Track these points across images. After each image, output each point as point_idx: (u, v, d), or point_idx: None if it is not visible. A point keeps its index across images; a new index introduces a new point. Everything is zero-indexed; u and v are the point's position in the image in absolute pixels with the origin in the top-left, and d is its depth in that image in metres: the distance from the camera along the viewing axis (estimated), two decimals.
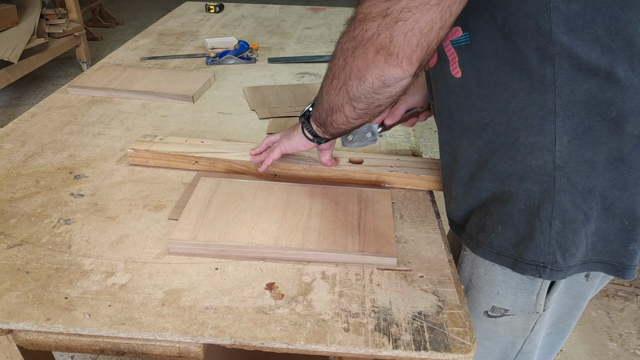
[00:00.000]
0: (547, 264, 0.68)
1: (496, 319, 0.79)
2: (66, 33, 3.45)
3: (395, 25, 0.50)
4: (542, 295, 0.73)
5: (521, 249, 0.69)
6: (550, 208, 0.65)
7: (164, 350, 0.64)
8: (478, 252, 0.74)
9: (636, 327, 1.75)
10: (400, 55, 0.53)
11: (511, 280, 0.74)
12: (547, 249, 0.67)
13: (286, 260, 0.75)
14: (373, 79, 0.57)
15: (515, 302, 0.75)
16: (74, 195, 0.88)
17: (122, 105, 1.25)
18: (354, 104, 0.64)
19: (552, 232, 0.66)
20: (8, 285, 0.68)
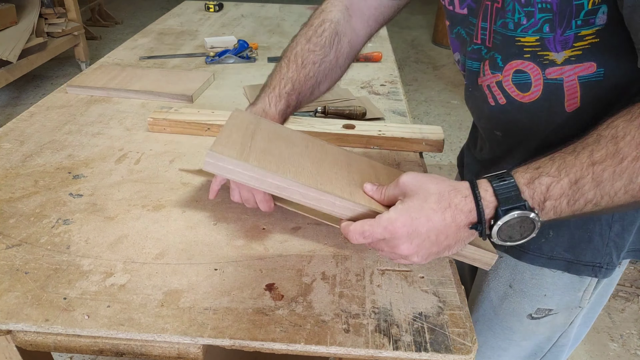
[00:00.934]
0: (603, 264, 0.68)
1: (539, 320, 0.78)
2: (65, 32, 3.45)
3: None
4: (589, 290, 0.73)
5: (577, 252, 0.69)
6: (611, 212, 0.65)
7: (163, 351, 0.64)
8: (524, 259, 0.73)
9: (637, 327, 1.75)
10: None
11: (560, 281, 0.73)
12: (605, 250, 0.67)
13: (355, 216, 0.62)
14: None
15: (561, 301, 0.75)
16: (73, 195, 0.88)
17: (121, 105, 1.25)
18: None
19: (612, 234, 0.67)
20: (7, 285, 0.68)
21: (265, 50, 1.70)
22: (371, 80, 1.46)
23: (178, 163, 0.99)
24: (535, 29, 0.61)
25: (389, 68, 1.57)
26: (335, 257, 0.76)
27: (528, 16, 0.61)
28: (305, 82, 0.79)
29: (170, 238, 0.78)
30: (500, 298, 0.80)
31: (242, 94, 1.34)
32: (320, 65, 0.81)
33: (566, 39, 0.59)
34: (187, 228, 0.81)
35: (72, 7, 3.53)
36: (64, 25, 3.43)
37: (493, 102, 0.71)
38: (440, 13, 4.51)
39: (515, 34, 0.64)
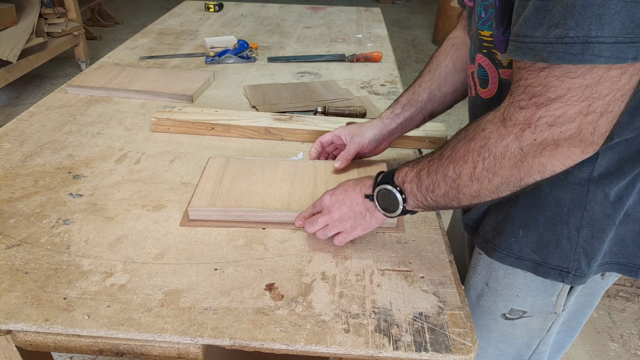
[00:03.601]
0: (571, 269, 0.68)
1: (514, 321, 0.78)
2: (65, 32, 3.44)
3: (600, 119, 0.49)
4: (562, 296, 0.73)
5: (545, 254, 0.69)
6: (579, 216, 0.66)
7: (163, 351, 0.64)
8: (494, 256, 0.74)
9: (637, 327, 1.75)
10: (598, 141, 0.51)
11: (532, 283, 0.73)
12: (573, 256, 0.67)
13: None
14: (555, 168, 0.53)
15: (534, 304, 0.75)
16: (73, 195, 0.88)
17: (121, 105, 1.25)
18: (499, 191, 0.58)
19: (580, 239, 0.67)
20: (7, 285, 0.68)
21: (265, 50, 1.70)
22: (371, 80, 1.46)
23: (178, 163, 0.99)
24: (489, 24, 0.64)
25: (389, 68, 1.57)
26: (335, 257, 0.76)
27: (485, 9, 0.64)
28: (420, 92, 0.90)
29: (170, 238, 0.78)
30: (478, 295, 0.82)
31: (242, 94, 1.34)
32: (435, 72, 0.90)
33: (506, 41, 0.60)
34: (187, 228, 0.81)
35: (72, 7, 3.53)
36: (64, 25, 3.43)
37: (470, 93, 0.76)
38: (440, 13, 4.50)
39: (478, 27, 0.67)
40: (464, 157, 0.58)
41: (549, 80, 0.49)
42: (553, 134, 0.51)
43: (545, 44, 0.47)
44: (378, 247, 0.78)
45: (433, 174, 0.62)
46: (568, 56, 0.46)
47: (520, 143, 0.53)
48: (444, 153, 0.62)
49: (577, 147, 0.51)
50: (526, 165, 0.53)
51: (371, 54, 1.61)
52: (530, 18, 0.48)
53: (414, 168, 0.66)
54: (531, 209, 0.68)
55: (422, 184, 0.64)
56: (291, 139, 1.09)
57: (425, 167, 0.64)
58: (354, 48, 1.74)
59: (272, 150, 1.06)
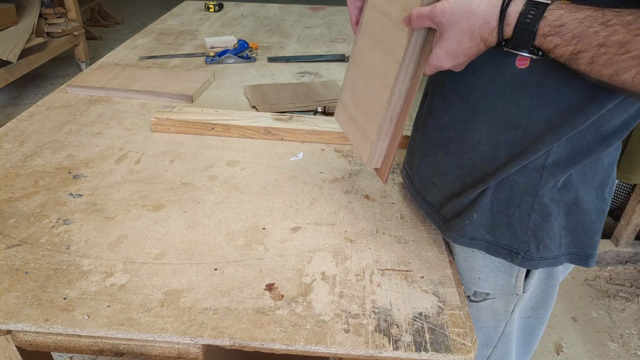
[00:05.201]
0: (520, 251, 0.70)
1: (478, 304, 0.81)
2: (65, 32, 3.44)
3: None
4: (520, 277, 0.75)
5: (496, 234, 0.71)
6: (531, 201, 0.68)
7: (163, 351, 0.64)
8: (447, 236, 0.76)
9: (637, 327, 1.75)
10: None
11: (491, 264, 0.75)
12: (523, 238, 0.70)
13: None
14: None
15: (495, 285, 0.77)
16: (73, 195, 0.88)
17: (121, 105, 1.25)
18: None
19: (530, 223, 0.69)
20: (7, 285, 0.68)
21: (265, 50, 1.70)
22: None
23: (178, 163, 0.99)
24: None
25: None
26: (335, 257, 0.76)
27: None
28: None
29: (170, 238, 0.78)
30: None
31: (242, 94, 1.34)
32: None
33: None
34: (187, 228, 0.81)
35: (72, 7, 3.52)
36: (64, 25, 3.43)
37: None
38: None
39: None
40: None
41: None
42: None
43: None
44: (378, 247, 0.78)
45: (603, 66, 0.49)
46: None
47: None
48: (624, 18, 0.47)
49: None
50: None
51: None
52: None
53: (570, 44, 0.50)
54: (487, 192, 0.70)
55: (577, 67, 0.51)
56: (291, 139, 1.09)
57: (590, 50, 0.49)
58: None
59: (272, 150, 1.06)
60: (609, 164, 0.69)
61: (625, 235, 1.91)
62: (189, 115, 1.11)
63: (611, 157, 0.69)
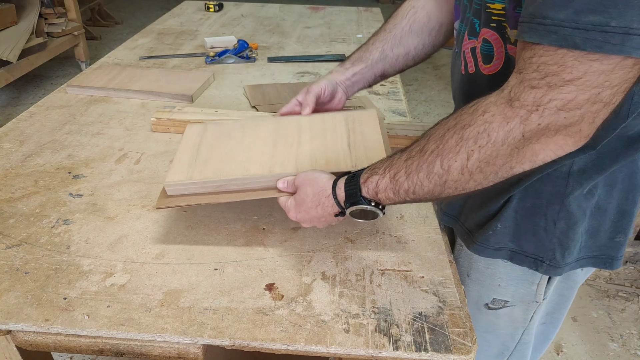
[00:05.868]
0: (545, 259, 0.70)
1: (497, 311, 0.79)
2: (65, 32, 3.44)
3: (602, 110, 0.48)
4: (542, 284, 0.74)
5: (521, 243, 0.70)
6: (557, 209, 0.66)
7: (163, 351, 0.64)
8: (472, 249, 0.75)
9: (637, 327, 1.75)
10: (591, 133, 0.50)
11: (512, 272, 0.74)
12: (548, 246, 0.69)
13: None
14: (547, 158, 0.52)
15: (515, 293, 0.76)
16: (73, 195, 0.88)
17: (121, 105, 1.25)
18: (486, 182, 0.56)
19: (556, 231, 0.67)
20: (7, 285, 0.68)
21: (265, 50, 1.70)
22: None
23: None
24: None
25: None
26: (335, 257, 0.76)
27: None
28: (372, 50, 0.89)
29: (170, 238, 0.78)
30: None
31: (242, 94, 1.34)
32: (390, 32, 0.89)
33: (517, 17, 0.58)
34: (187, 228, 0.81)
35: (72, 7, 3.52)
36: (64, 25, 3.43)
37: (464, 70, 0.73)
38: None
39: (487, 0, 0.64)
40: (456, 147, 0.54)
41: (567, 60, 0.46)
42: (557, 119, 0.49)
43: (575, 29, 0.45)
44: (378, 247, 0.78)
45: (414, 173, 0.58)
46: (607, 45, 0.44)
47: (524, 127, 0.50)
48: (427, 148, 0.57)
49: (572, 137, 0.50)
50: (521, 154, 0.52)
51: None
52: (553, 0, 0.46)
53: (385, 174, 0.61)
54: (511, 201, 0.69)
55: (399, 188, 0.60)
56: None
57: (401, 168, 0.60)
58: (354, 48, 1.73)
59: None
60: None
61: None
62: (189, 115, 1.11)
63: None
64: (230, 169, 0.76)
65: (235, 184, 0.75)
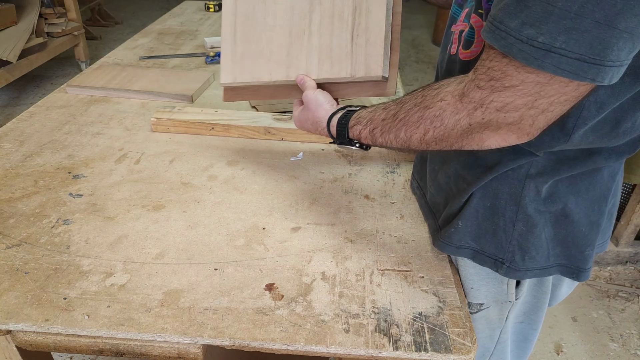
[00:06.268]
0: (505, 261, 0.70)
1: (473, 315, 0.80)
2: (65, 32, 3.44)
3: (540, 115, 0.53)
4: (511, 285, 0.74)
5: (482, 243, 0.71)
6: (515, 210, 0.67)
7: (163, 351, 0.64)
8: (436, 245, 0.76)
9: (637, 327, 1.75)
10: (534, 132, 0.56)
11: (482, 271, 0.75)
12: (507, 247, 0.69)
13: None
14: (492, 145, 0.59)
15: (488, 294, 0.77)
16: (73, 195, 0.88)
17: (121, 105, 1.25)
18: (443, 150, 0.64)
19: (515, 232, 0.68)
20: (7, 285, 0.68)
21: None
22: None
23: (178, 163, 0.99)
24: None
25: None
26: (335, 257, 0.76)
27: None
28: None
29: (170, 238, 0.78)
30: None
31: None
32: None
33: (488, 10, 0.60)
34: (187, 228, 0.81)
35: (72, 7, 3.53)
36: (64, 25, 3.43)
37: (449, 50, 0.75)
38: (441, 13, 4.50)
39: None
40: (417, 122, 0.63)
41: (508, 69, 0.51)
42: (498, 117, 0.54)
43: (516, 40, 0.48)
44: (378, 247, 0.78)
45: (386, 133, 0.68)
46: (531, 58, 0.48)
47: (470, 120, 0.57)
48: (398, 115, 0.66)
49: (514, 133, 0.55)
50: (469, 138, 0.59)
51: None
52: (509, 6, 0.49)
53: (367, 126, 0.71)
54: (471, 200, 0.70)
55: (376, 141, 0.71)
56: (291, 139, 1.09)
57: (378, 125, 0.69)
58: None
59: (272, 150, 1.06)
60: (609, 176, 0.68)
61: (625, 235, 1.91)
62: (189, 115, 1.11)
63: (612, 169, 0.68)
64: (260, 72, 0.86)
65: (266, 85, 0.87)
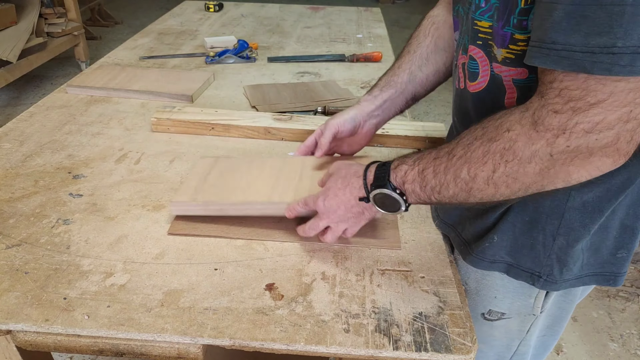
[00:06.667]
0: (542, 274, 0.68)
1: (492, 322, 0.78)
2: (65, 32, 3.44)
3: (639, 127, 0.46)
4: (540, 298, 0.73)
5: (518, 257, 0.69)
6: (557, 224, 0.65)
7: (163, 351, 0.64)
8: (468, 260, 0.74)
9: (637, 327, 1.75)
10: (631, 150, 0.49)
11: (509, 284, 0.73)
12: (546, 261, 0.67)
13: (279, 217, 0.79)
14: (581, 177, 0.51)
15: (512, 306, 0.75)
16: (73, 195, 0.88)
17: (121, 105, 1.25)
18: (515, 196, 0.56)
19: (555, 246, 0.66)
20: (7, 285, 0.68)
21: (265, 50, 1.70)
22: (371, 80, 1.46)
23: (178, 163, 0.99)
24: (489, 15, 0.61)
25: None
26: (335, 257, 0.76)
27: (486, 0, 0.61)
28: (399, 73, 0.88)
29: (170, 238, 0.78)
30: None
31: (242, 94, 1.34)
32: (415, 53, 0.87)
33: (504, 36, 0.59)
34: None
35: (72, 7, 3.53)
36: (64, 25, 3.43)
37: (457, 85, 0.72)
38: None
39: (475, 16, 0.64)
40: (482, 158, 0.54)
41: (589, 84, 0.45)
42: (588, 142, 0.47)
43: (585, 53, 0.44)
44: (378, 247, 0.78)
45: (441, 174, 0.58)
46: (616, 67, 0.43)
47: (551, 149, 0.49)
48: (455, 152, 0.57)
49: (610, 156, 0.48)
50: (551, 173, 0.51)
51: (371, 54, 1.61)
52: (561, 23, 0.45)
53: (415, 166, 0.62)
54: (509, 214, 0.67)
55: (426, 184, 0.60)
56: (291, 139, 1.09)
57: (430, 165, 0.60)
58: (354, 48, 1.74)
59: (272, 150, 1.06)
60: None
61: None
62: (189, 115, 1.11)
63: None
64: (231, 194, 0.81)
65: (235, 208, 0.80)
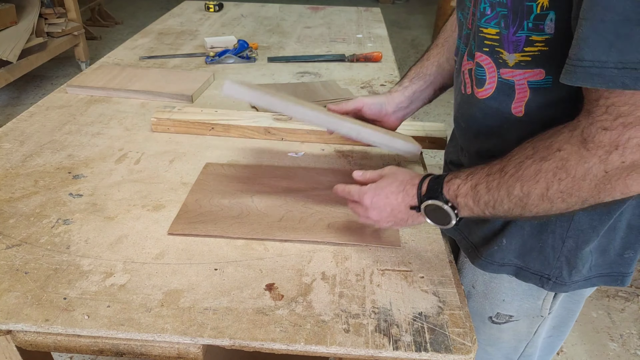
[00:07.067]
0: (551, 276, 0.68)
1: (500, 325, 0.78)
2: (65, 32, 3.45)
3: None
4: (548, 300, 0.73)
5: (527, 260, 0.69)
6: (566, 226, 0.65)
7: (163, 351, 0.64)
8: (476, 264, 0.74)
9: (637, 327, 1.75)
10: None
11: (517, 287, 0.73)
12: (555, 264, 0.67)
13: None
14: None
15: (520, 308, 0.75)
16: (73, 195, 0.88)
17: (121, 105, 1.25)
18: (572, 210, 0.55)
19: (564, 249, 0.66)
20: (7, 285, 0.68)
21: (265, 50, 1.70)
22: (371, 80, 1.46)
23: (178, 163, 0.99)
24: (496, 22, 0.61)
25: (389, 68, 1.57)
26: (335, 257, 0.76)
27: (492, 7, 0.61)
28: (428, 65, 0.89)
29: (170, 238, 0.78)
30: (466, 297, 0.81)
31: None
32: (443, 46, 0.88)
33: (518, 41, 0.59)
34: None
35: (72, 7, 3.53)
36: (64, 25, 3.43)
37: (463, 91, 0.72)
38: (440, 13, 4.51)
39: (480, 24, 0.64)
40: (535, 176, 0.54)
41: (637, 99, 0.45)
42: None
43: (620, 70, 0.44)
44: (378, 247, 0.78)
45: (494, 190, 0.58)
46: None
47: (605, 166, 0.48)
48: (507, 169, 0.57)
49: None
50: (609, 187, 0.50)
51: (371, 54, 1.61)
52: (587, 40, 0.45)
53: (467, 181, 0.61)
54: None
55: (479, 199, 0.60)
56: (291, 139, 1.09)
57: (482, 181, 0.60)
58: (354, 48, 1.74)
59: (272, 150, 1.06)
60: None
61: None
62: (189, 115, 1.11)
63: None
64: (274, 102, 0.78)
65: (286, 106, 0.76)
